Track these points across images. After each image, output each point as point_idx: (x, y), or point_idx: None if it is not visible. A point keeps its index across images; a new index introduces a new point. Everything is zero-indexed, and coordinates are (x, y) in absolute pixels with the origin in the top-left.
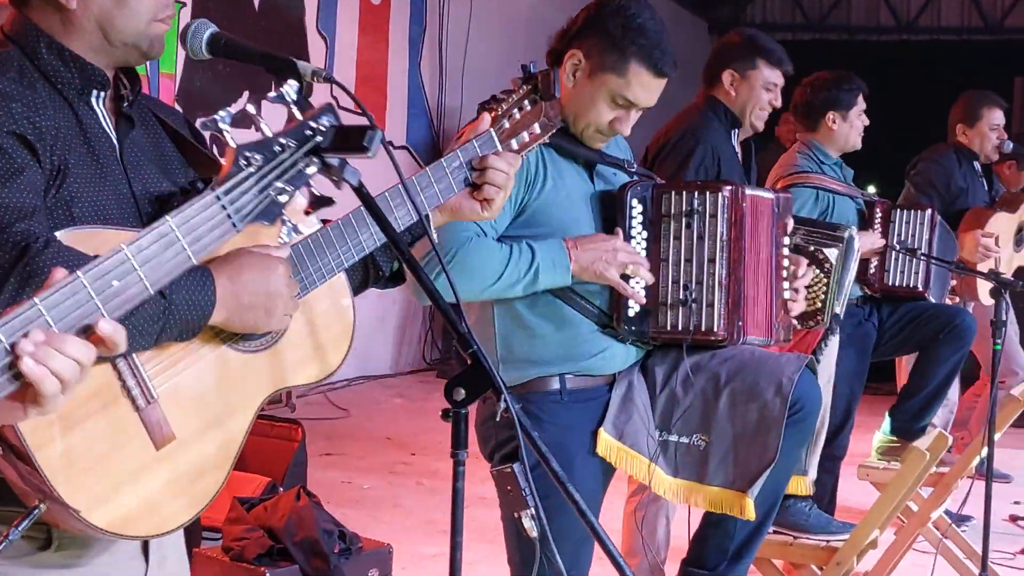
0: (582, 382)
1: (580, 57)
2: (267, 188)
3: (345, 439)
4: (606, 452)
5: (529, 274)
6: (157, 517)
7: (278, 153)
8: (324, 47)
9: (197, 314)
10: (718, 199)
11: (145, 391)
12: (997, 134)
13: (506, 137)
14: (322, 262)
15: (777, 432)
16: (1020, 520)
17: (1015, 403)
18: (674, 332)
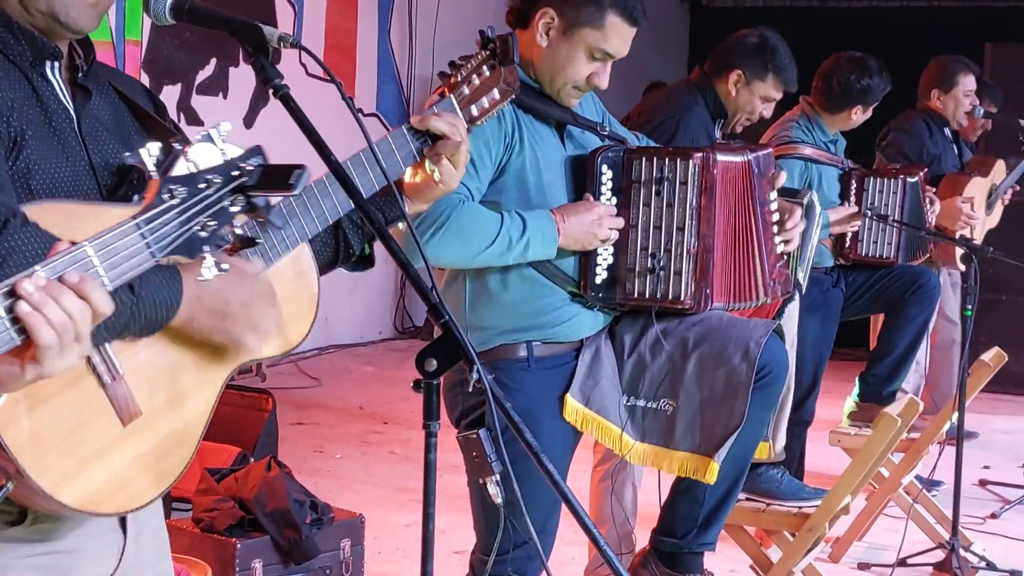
0: (549, 349)
1: (553, 15)
2: (189, 222)
3: (316, 408)
4: (573, 417)
5: (521, 242)
6: (125, 494)
7: (202, 189)
8: (292, 13)
9: (162, 313)
10: (688, 166)
11: (111, 367)
12: (970, 100)
13: (466, 103)
14: (286, 232)
15: (744, 397)
16: (990, 485)
17: (985, 368)
18: (641, 299)
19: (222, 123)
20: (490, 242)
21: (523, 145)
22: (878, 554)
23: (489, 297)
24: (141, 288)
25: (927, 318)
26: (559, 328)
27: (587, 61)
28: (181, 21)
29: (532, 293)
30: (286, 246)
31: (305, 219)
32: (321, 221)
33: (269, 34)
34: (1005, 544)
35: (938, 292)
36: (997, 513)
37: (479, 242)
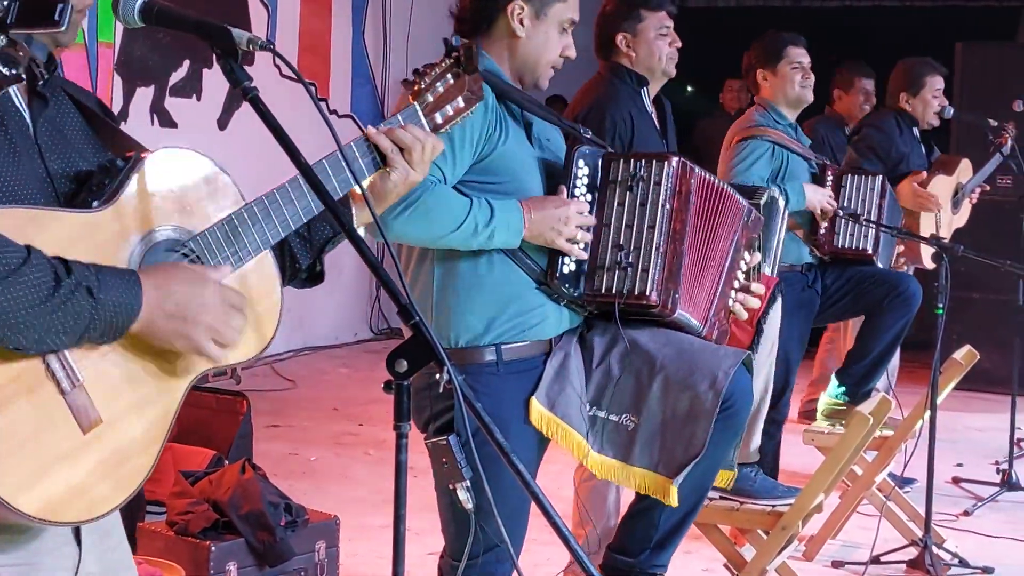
0: (518, 352)
1: (521, 4)
2: None
3: (291, 411)
4: (538, 422)
5: (487, 230)
6: (85, 501)
7: None
8: (266, 15)
9: (122, 318)
10: (663, 168)
11: (70, 374)
12: (939, 101)
13: (430, 111)
14: (247, 239)
15: (706, 425)
16: (962, 482)
17: (956, 367)
18: (608, 295)
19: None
20: (456, 226)
21: (507, 135)
22: (851, 552)
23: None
24: (100, 291)
25: (906, 323)
26: (524, 318)
27: (559, 36)
28: (150, 24)
29: (501, 274)
30: (247, 253)
31: (267, 225)
32: (284, 227)
33: (238, 36)
34: (977, 541)
35: (917, 299)
36: (970, 510)
37: (445, 224)
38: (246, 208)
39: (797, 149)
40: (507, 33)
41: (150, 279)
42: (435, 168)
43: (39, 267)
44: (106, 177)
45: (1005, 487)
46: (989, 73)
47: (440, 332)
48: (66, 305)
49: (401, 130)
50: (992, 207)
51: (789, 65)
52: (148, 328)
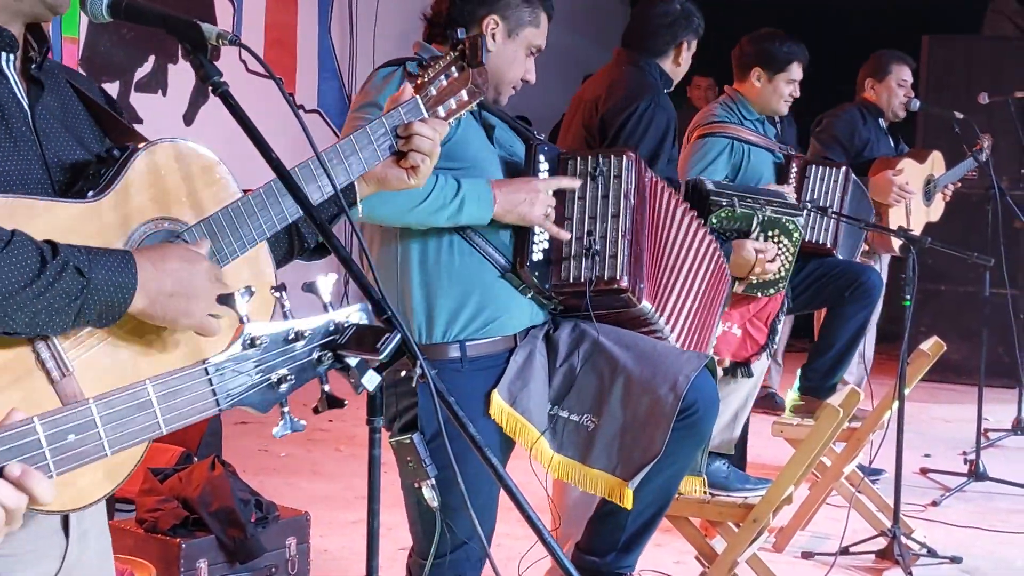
0: (482, 348)
1: (497, 20)
2: (267, 372)
3: None
4: (498, 415)
5: (454, 202)
6: (73, 490)
7: (289, 341)
8: (232, 9)
9: (118, 296)
10: (622, 161)
11: (60, 363)
12: (904, 91)
13: (432, 104)
14: (243, 231)
15: (665, 428)
16: (930, 473)
17: (924, 358)
18: (576, 284)
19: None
20: (421, 199)
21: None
22: (821, 543)
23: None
24: (91, 271)
25: (867, 315)
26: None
27: (524, 59)
28: (119, 19)
29: (465, 263)
30: (242, 245)
31: (263, 217)
32: (279, 220)
33: (208, 31)
34: (945, 531)
35: (879, 290)
36: (938, 501)
37: (409, 198)
38: (242, 201)
39: (758, 141)
40: None
41: (145, 258)
42: None
43: (23, 249)
44: (103, 167)
45: (972, 477)
46: (955, 66)
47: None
48: (54, 286)
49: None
50: (959, 199)
51: (786, 80)
52: (150, 308)
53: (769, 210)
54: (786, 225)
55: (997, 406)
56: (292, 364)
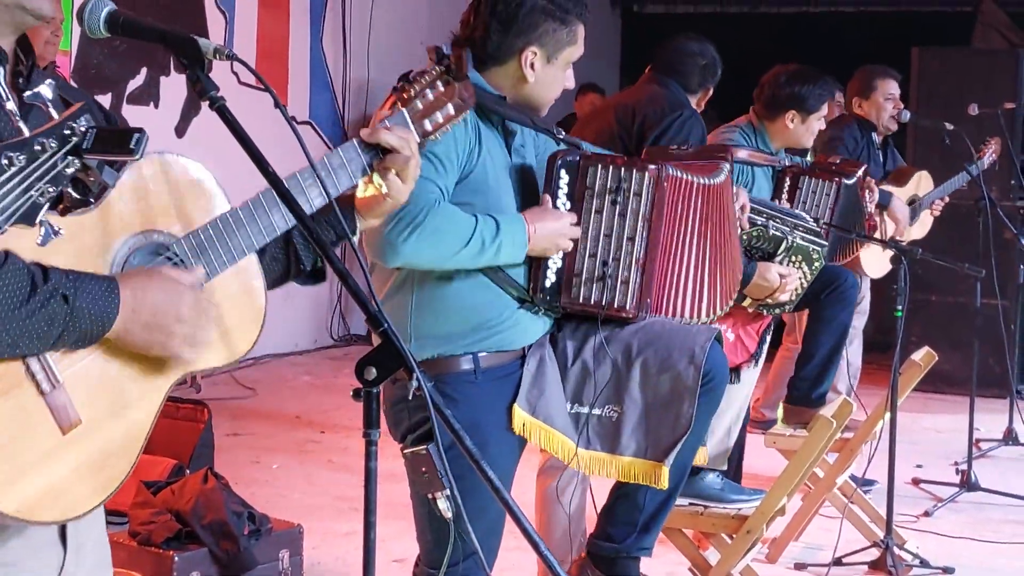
0: (494, 359)
1: (535, 50)
2: (29, 189)
3: (253, 419)
4: (521, 428)
5: (494, 245)
6: (64, 501)
7: (39, 154)
8: (224, 22)
9: (97, 325)
10: (644, 177)
11: (50, 375)
12: (893, 104)
13: (419, 118)
14: (231, 243)
15: (691, 401)
16: (923, 483)
17: (915, 368)
18: (586, 305)
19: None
20: (465, 243)
21: (482, 151)
22: (814, 554)
23: (437, 304)
24: (76, 299)
25: (847, 318)
26: (504, 336)
27: (564, 75)
28: (116, 34)
29: (482, 299)
30: (231, 257)
31: (252, 230)
32: (268, 232)
33: (204, 46)
34: (938, 541)
35: (855, 293)
36: (930, 511)
37: (455, 243)
38: (231, 213)
39: (764, 162)
40: (516, 75)
41: (128, 287)
42: (432, 185)
43: (15, 272)
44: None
45: (964, 488)
46: (945, 78)
47: (417, 351)
48: (41, 311)
49: (392, 131)
50: (949, 210)
51: (818, 118)
52: (123, 337)
53: (799, 236)
54: (811, 254)
55: (988, 416)
56: (46, 177)
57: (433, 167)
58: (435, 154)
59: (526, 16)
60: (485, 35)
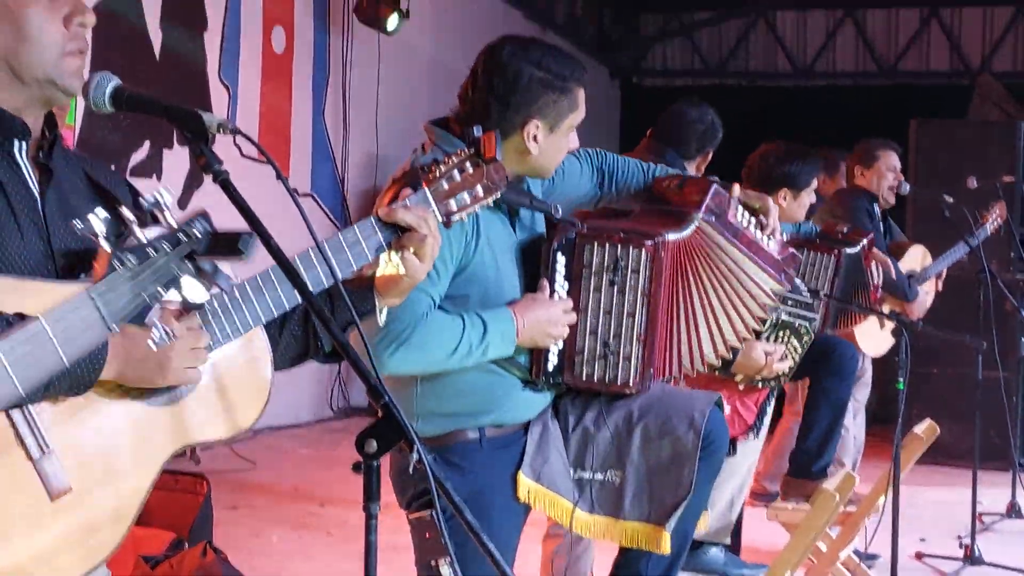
0: (499, 430)
1: (538, 123)
2: (141, 291)
3: (252, 491)
4: (526, 495)
5: (481, 347)
6: (50, 568)
7: (152, 257)
8: (227, 95)
9: (88, 368)
10: (641, 255)
11: (40, 441)
12: (894, 175)
13: (443, 198)
14: (237, 316)
15: (691, 465)
16: (926, 557)
17: (918, 441)
18: (589, 382)
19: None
20: (451, 352)
21: (480, 239)
22: None
23: (440, 387)
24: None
25: (845, 390)
26: (507, 413)
27: (567, 140)
28: (120, 109)
29: (486, 381)
30: (237, 330)
31: (260, 304)
32: (276, 306)
33: (208, 121)
34: None
35: (854, 363)
36: None
37: (441, 353)
38: (239, 285)
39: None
40: (519, 148)
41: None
42: (423, 295)
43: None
44: None
45: (968, 562)
46: (943, 150)
47: (421, 428)
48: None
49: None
50: (950, 282)
51: (808, 193)
52: (120, 375)
53: (784, 312)
54: (798, 329)
55: (991, 489)
56: (159, 279)
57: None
58: None
59: (524, 90)
60: (484, 112)
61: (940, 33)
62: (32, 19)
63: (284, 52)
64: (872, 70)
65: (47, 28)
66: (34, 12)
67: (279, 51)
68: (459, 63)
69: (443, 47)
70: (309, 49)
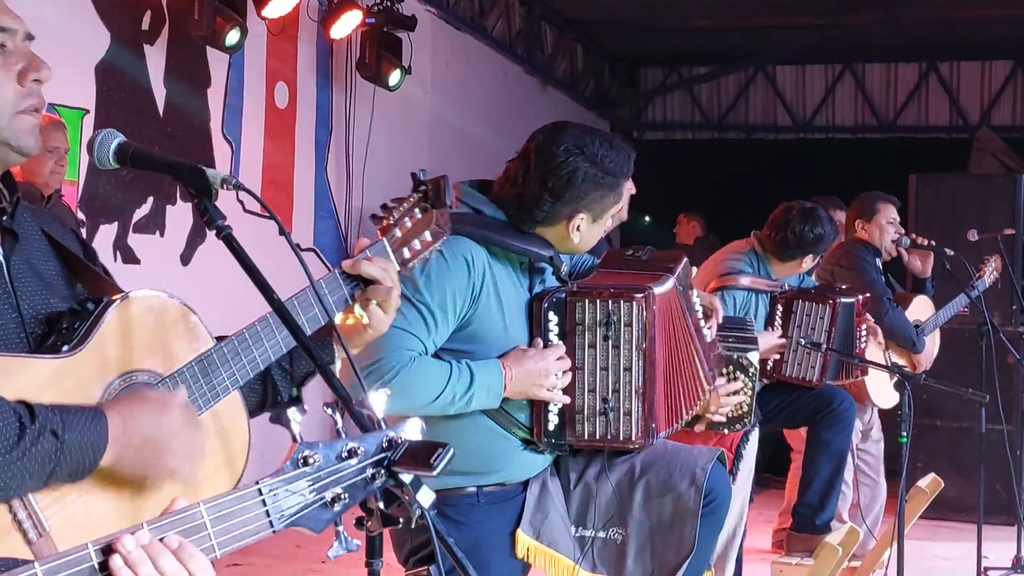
0: (498, 487)
1: (584, 215)
2: (321, 492)
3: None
4: (524, 552)
5: (464, 398)
6: None
7: (342, 459)
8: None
9: (88, 456)
10: (632, 308)
11: (37, 523)
12: (895, 228)
13: (398, 246)
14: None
15: (693, 523)
16: None
17: (922, 495)
18: (592, 440)
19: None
20: (433, 398)
21: (491, 292)
22: None
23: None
24: (65, 432)
25: (843, 442)
26: (507, 473)
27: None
28: (124, 166)
29: (488, 442)
30: (215, 394)
31: (237, 364)
32: (252, 367)
33: (212, 177)
34: None
35: (852, 414)
36: None
37: (422, 398)
38: (216, 349)
39: (764, 287)
40: (562, 234)
41: (115, 413)
42: (414, 340)
43: (3, 415)
44: (76, 320)
45: None
46: (942, 204)
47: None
48: (32, 450)
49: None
50: (952, 335)
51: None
52: (117, 464)
53: (723, 347)
54: (739, 361)
55: (996, 544)
56: (345, 483)
57: (423, 320)
58: (427, 306)
59: (578, 187)
60: (535, 203)
61: (939, 87)
62: None
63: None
64: (871, 124)
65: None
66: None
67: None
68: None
69: (444, 103)
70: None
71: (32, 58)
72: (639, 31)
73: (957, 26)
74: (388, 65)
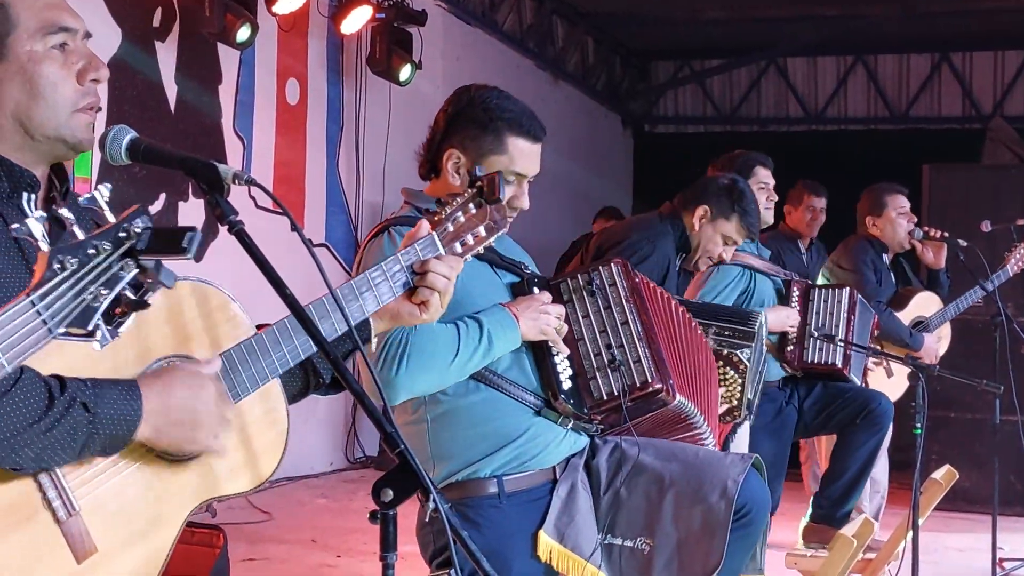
0: (521, 483)
1: (458, 154)
2: (82, 292)
3: (268, 543)
4: (546, 555)
5: (483, 341)
6: None
7: (92, 256)
8: (241, 148)
9: (123, 429)
10: (612, 271)
11: (67, 503)
12: (907, 218)
13: (449, 240)
14: (255, 368)
15: (722, 536)
16: None
17: (936, 487)
18: (611, 399)
19: (101, 186)
20: (455, 350)
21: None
22: None
23: (452, 421)
24: (97, 406)
25: (878, 442)
26: (524, 448)
27: None
28: (137, 161)
29: (496, 411)
30: (255, 382)
31: (277, 354)
32: (293, 356)
33: (224, 172)
34: None
35: (889, 416)
36: None
37: (445, 354)
38: (256, 338)
39: (762, 267)
40: (446, 181)
41: (151, 387)
42: None
43: (32, 386)
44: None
45: None
46: (956, 194)
47: (437, 470)
48: (61, 422)
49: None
50: (965, 326)
51: (757, 185)
52: (155, 436)
53: (712, 341)
54: (729, 357)
55: (1011, 535)
56: (100, 279)
57: None
58: None
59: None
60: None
61: (951, 78)
62: (46, 77)
63: (298, 104)
64: (884, 115)
65: (60, 86)
66: (49, 70)
67: (293, 103)
68: None
69: None
70: (323, 100)
71: (92, 58)
72: (651, 24)
73: (969, 16)
74: (398, 60)
